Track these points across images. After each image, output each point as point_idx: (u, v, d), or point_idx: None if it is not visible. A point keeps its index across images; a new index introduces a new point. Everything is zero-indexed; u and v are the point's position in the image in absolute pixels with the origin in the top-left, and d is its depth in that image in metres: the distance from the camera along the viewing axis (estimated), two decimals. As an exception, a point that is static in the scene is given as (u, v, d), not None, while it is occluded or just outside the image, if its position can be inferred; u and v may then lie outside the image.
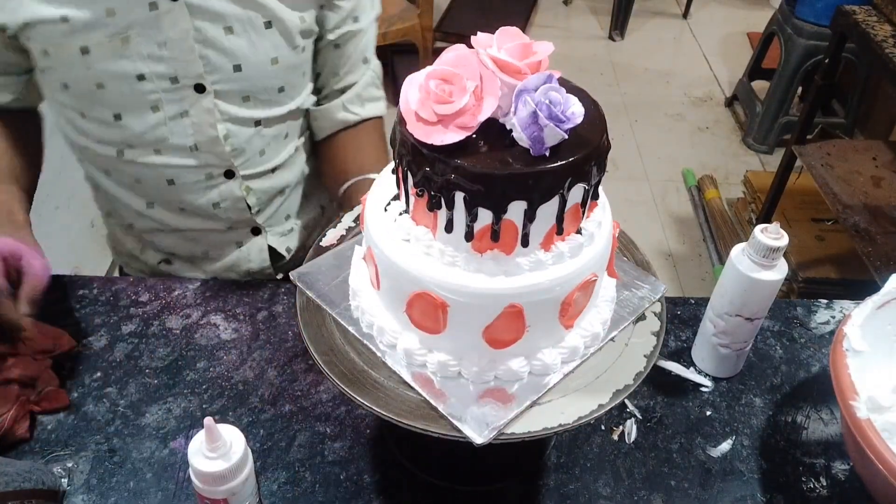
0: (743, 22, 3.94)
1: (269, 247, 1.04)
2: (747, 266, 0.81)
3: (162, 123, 0.87)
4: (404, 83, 0.60)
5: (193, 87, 0.86)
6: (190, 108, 0.87)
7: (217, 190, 0.95)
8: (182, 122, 0.88)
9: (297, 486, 0.79)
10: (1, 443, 0.79)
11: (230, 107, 0.89)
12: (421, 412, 0.63)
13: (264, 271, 1.05)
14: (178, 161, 0.91)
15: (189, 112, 0.87)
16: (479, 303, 0.61)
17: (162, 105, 0.86)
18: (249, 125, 0.92)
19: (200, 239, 1.00)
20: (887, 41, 1.71)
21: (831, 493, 0.80)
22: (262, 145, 0.95)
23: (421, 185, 0.60)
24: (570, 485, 0.80)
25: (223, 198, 0.96)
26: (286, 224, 1.05)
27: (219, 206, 0.96)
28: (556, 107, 0.56)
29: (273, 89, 0.92)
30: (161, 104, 0.86)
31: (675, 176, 2.90)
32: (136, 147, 0.89)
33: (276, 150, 0.98)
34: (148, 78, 0.83)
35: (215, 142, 0.90)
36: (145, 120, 0.87)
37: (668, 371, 0.92)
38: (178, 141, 0.89)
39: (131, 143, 0.89)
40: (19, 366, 0.83)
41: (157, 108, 0.86)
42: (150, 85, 0.84)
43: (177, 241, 1.00)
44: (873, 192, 1.87)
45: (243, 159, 0.94)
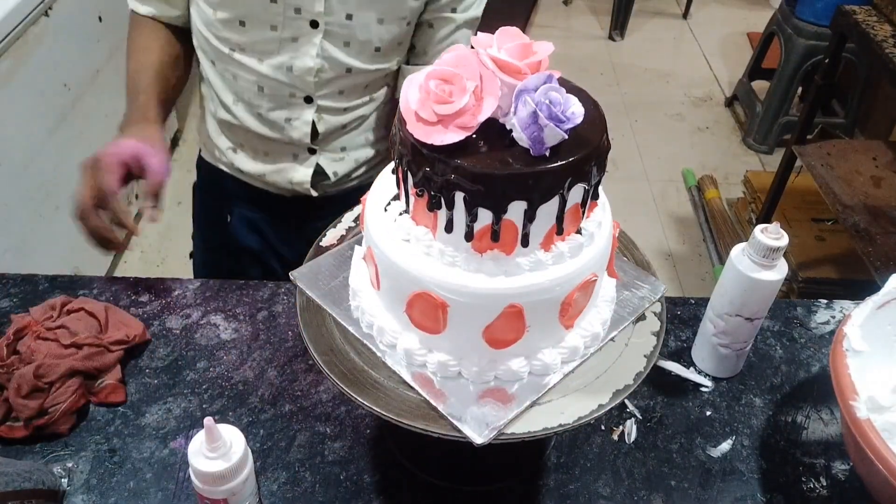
0: (743, 22, 3.95)
1: (318, 165, 1.14)
2: (747, 266, 0.81)
3: (275, 41, 1.00)
4: (404, 83, 0.60)
5: (310, 22, 0.98)
6: (301, 37, 0.99)
7: (294, 109, 1.07)
8: (291, 45, 1.00)
9: (297, 486, 0.79)
10: (39, 434, 0.81)
11: (332, 47, 1.01)
12: (421, 412, 0.63)
13: (303, 185, 1.15)
14: (273, 74, 1.03)
15: (299, 39, 1.00)
16: (479, 303, 0.61)
17: (280, 27, 0.98)
18: (341, 69, 1.04)
19: (263, 142, 1.12)
20: (887, 41, 1.71)
21: (831, 493, 0.80)
22: (343, 86, 1.06)
23: (421, 185, 0.60)
24: (570, 485, 0.80)
25: (295, 116, 1.07)
26: (340, 153, 1.16)
27: (290, 123, 1.08)
28: (556, 107, 0.56)
29: (370, 46, 1.03)
30: (280, 26, 0.98)
31: (675, 176, 2.90)
32: (245, 51, 1.02)
33: (354, 96, 1.09)
34: (279, 2, 0.96)
35: (309, 71, 1.02)
36: (263, 33, 0.99)
37: (668, 371, 0.92)
38: (281, 59, 1.01)
39: (244, 47, 1.01)
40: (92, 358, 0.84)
41: (275, 27, 0.98)
42: (278, 8, 0.97)
43: (245, 137, 1.12)
44: (873, 192, 1.87)
45: (324, 92, 1.05)
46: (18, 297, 0.99)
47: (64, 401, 0.81)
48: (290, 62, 1.01)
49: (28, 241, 1.82)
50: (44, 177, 1.87)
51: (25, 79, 1.75)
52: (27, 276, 1.02)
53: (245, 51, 1.01)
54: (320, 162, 1.13)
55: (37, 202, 1.85)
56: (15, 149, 1.74)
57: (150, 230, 2.49)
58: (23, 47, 1.74)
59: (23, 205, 1.79)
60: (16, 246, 1.77)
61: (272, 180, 1.15)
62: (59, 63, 1.91)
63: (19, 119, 1.74)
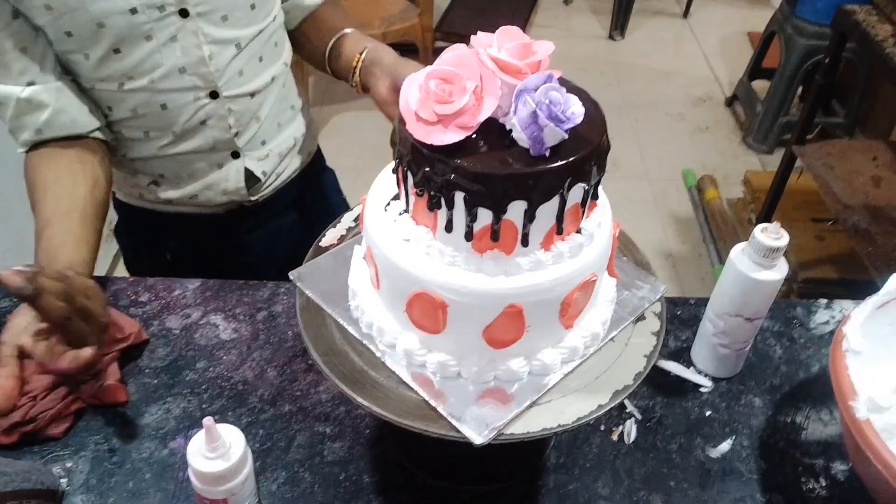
0: (743, 22, 3.94)
1: (246, 169, 1.12)
2: (747, 266, 0.81)
3: (156, 51, 0.95)
4: (404, 83, 0.60)
5: (178, 13, 0.94)
6: (178, 33, 0.95)
7: (204, 110, 1.03)
8: (172, 47, 0.96)
9: (297, 486, 0.79)
10: (31, 438, 0.80)
11: (211, 28, 0.98)
12: (421, 412, 0.63)
13: (239, 191, 1.13)
14: (169, 85, 0.98)
15: (177, 37, 0.95)
16: (479, 303, 0.61)
17: (154, 33, 0.94)
18: (230, 46, 1.01)
19: (187, 162, 1.08)
20: (887, 41, 1.71)
21: (831, 494, 0.80)
22: (240, 66, 1.04)
23: (421, 185, 0.60)
24: (570, 485, 0.80)
25: (208, 116, 1.04)
26: (262, 149, 1.14)
27: (205, 124, 1.05)
28: (556, 107, 0.56)
29: (245, 6, 1.00)
30: (153, 33, 0.94)
31: (675, 176, 2.90)
32: (134, 77, 0.97)
33: (254, 73, 1.07)
34: (139, 10, 0.91)
35: (201, 62, 0.98)
36: (141, 49, 0.94)
37: (667, 371, 0.92)
38: (170, 65, 0.97)
39: (130, 74, 0.96)
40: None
41: (150, 37, 0.94)
42: (143, 16, 0.91)
43: (167, 164, 1.08)
44: (873, 192, 1.87)
45: (225, 80, 1.02)
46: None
47: (52, 407, 0.80)
48: (181, 62, 0.97)
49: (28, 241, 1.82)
50: (43, 176, 1.86)
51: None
52: (27, 276, 1.02)
53: (134, 77, 0.96)
54: (247, 165, 1.11)
55: (36, 202, 1.85)
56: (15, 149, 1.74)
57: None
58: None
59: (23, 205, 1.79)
60: (16, 246, 1.77)
61: (205, 198, 1.11)
62: (59, 62, 1.91)
63: (19, 118, 1.74)
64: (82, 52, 0.93)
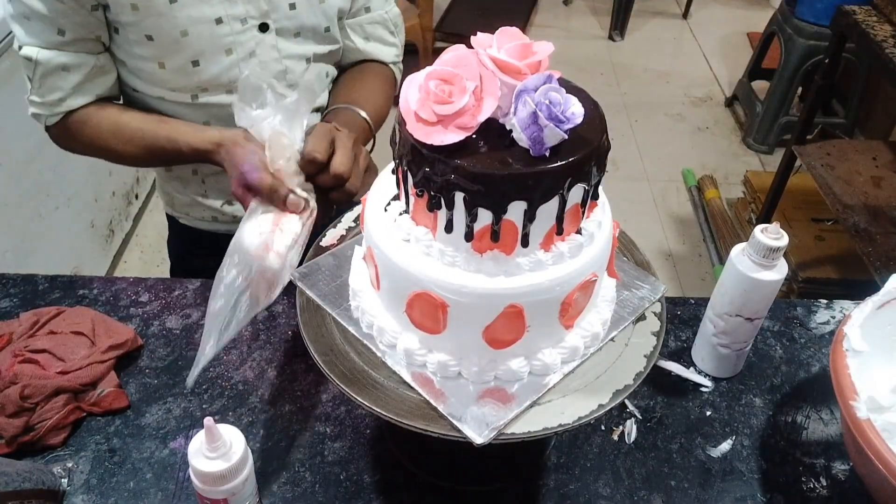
0: (743, 22, 3.94)
1: None
2: (747, 266, 0.81)
3: (234, 65, 0.95)
4: (404, 83, 0.60)
5: (258, 27, 0.95)
6: (257, 48, 0.96)
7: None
8: (251, 62, 0.96)
9: (297, 486, 0.79)
10: (32, 447, 0.80)
11: (287, 43, 0.98)
12: (421, 412, 0.63)
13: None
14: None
15: (256, 52, 0.96)
16: (479, 303, 0.61)
17: (235, 47, 0.94)
18: (302, 61, 1.02)
19: None
20: (887, 41, 1.71)
21: (831, 493, 0.80)
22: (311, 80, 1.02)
23: (421, 186, 0.60)
24: (570, 485, 0.80)
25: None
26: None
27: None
28: (555, 107, 0.56)
29: (320, 28, 1.01)
30: (234, 46, 0.94)
31: (675, 176, 2.90)
32: (209, 90, 0.97)
33: (321, 88, 1.08)
34: (224, 21, 0.91)
35: (279, 77, 0.99)
36: (220, 63, 0.94)
37: (668, 371, 0.92)
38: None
39: (206, 86, 0.96)
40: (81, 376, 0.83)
41: (230, 50, 0.94)
42: (226, 28, 0.92)
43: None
44: (873, 192, 1.87)
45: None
46: (18, 297, 0.99)
47: (50, 417, 0.80)
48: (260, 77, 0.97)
49: (28, 241, 1.82)
50: (44, 177, 1.86)
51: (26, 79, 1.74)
52: (27, 276, 1.02)
53: (209, 89, 0.96)
54: None
55: (37, 202, 1.85)
56: (15, 149, 1.74)
57: (150, 230, 2.49)
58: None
59: (23, 205, 1.79)
60: (16, 246, 1.77)
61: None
62: (59, 63, 1.91)
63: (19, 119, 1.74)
64: (158, 61, 0.93)
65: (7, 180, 1.71)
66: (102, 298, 0.99)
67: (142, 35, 0.90)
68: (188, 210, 1.14)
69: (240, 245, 0.75)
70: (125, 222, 2.39)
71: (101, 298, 0.99)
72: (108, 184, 2.24)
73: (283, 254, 0.76)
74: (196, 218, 1.14)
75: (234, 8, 0.92)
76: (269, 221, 0.77)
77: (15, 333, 0.87)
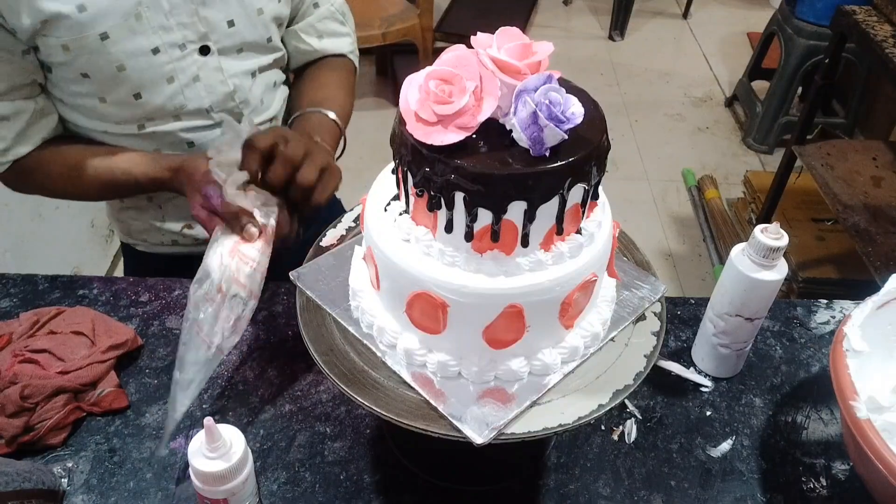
0: (743, 22, 3.94)
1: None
2: (747, 266, 0.81)
3: (179, 92, 0.93)
4: (404, 83, 0.60)
5: (199, 51, 0.92)
6: (199, 72, 0.93)
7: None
8: (196, 87, 0.94)
9: (297, 486, 0.79)
10: (32, 447, 0.80)
11: (230, 62, 0.96)
12: (421, 412, 0.63)
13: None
14: (196, 123, 0.97)
15: (200, 76, 0.94)
16: (479, 303, 0.61)
17: (176, 74, 0.92)
18: (248, 77, 0.99)
19: None
20: (887, 41, 1.71)
21: (831, 493, 0.80)
22: (260, 94, 1.03)
23: (421, 186, 0.60)
24: (570, 485, 0.81)
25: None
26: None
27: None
28: (555, 107, 0.56)
29: (262, 40, 0.99)
30: (176, 73, 0.92)
31: (675, 176, 2.90)
32: (155, 119, 0.94)
33: (271, 99, 1.06)
34: (162, 50, 0.89)
35: (227, 98, 0.97)
36: (163, 92, 0.92)
37: (668, 371, 0.92)
38: (195, 105, 0.95)
39: (151, 116, 0.94)
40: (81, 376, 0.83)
41: (172, 78, 0.92)
42: (164, 56, 0.89)
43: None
44: (873, 192, 1.87)
45: (249, 110, 1.01)
46: (18, 297, 0.99)
47: (51, 417, 0.80)
48: (207, 102, 0.95)
49: (28, 241, 1.82)
50: (44, 177, 1.86)
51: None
52: (27, 276, 1.02)
53: (155, 119, 0.94)
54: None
55: (37, 202, 1.85)
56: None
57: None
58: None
59: (23, 205, 1.79)
60: (16, 246, 1.77)
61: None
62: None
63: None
64: (98, 96, 0.91)
65: (7, 180, 1.71)
66: (102, 298, 0.99)
67: (77, 73, 0.88)
68: (145, 236, 1.11)
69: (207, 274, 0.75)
70: (125, 222, 2.39)
71: (101, 298, 0.99)
72: (108, 184, 2.24)
73: (246, 284, 0.75)
74: (154, 244, 1.11)
75: (169, 35, 0.89)
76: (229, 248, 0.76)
77: (15, 333, 0.87)
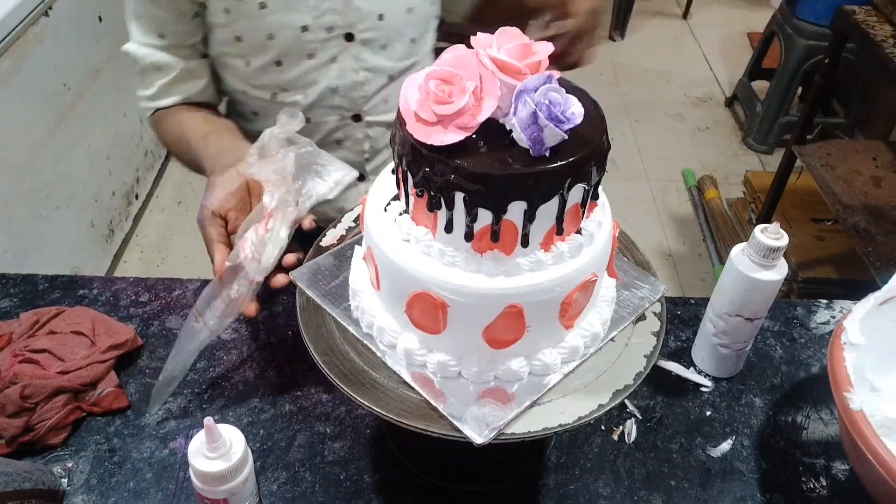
0: (743, 22, 3.94)
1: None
2: (747, 266, 0.81)
3: (314, 69, 0.98)
4: (404, 83, 0.60)
5: (344, 36, 0.97)
6: (339, 55, 0.98)
7: (343, 130, 1.06)
8: (330, 68, 0.99)
9: (297, 486, 0.79)
10: (32, 447, 0.80)
11: (370, 55, 1.00)
12: (421, 412, 0.63)
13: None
14: (319, 101, 1.01)
15: (338, 58, 0.98)
16: (479, 303, 0.61)
17: (317, 53, 0.97)
18: (383, 76, 1.03)
19: None
20: (887, 41, 1.71)
21: (831, 493, 0.80)
22: (387, 95, 1.06)
23: (421, 186, 0.60)
24: (570, 485, 0.80)
25: (346, 137, 1.07)
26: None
27: (341, 145, 1.07)
28: (555, 107, 0.56)
29: (407, 39, 1.02)
30: (316, 52, 0.97)
31: (675, 176, 2.90)
32: (288, 90, 1.00)
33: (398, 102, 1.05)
34: (310, 29, 0.94)
35: (354, 86, 1.01)
36: (301, 66, 0.97)
37: (668, 371, 0.92)
38: (324, 84, 1.00)
39: (285, 86, 0.99)
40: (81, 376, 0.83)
41: (312, 55, 0.97)
42: (311, 35, 0.95)
43: None
44: (873, 192, 1.87)
45: (370, 105, 1.04)
46: (18, 297, 0.99)
47: (50, 417, 0.80)
48: (335, 83, 1.00)
49: (28, 241, 1.82)
50: (44, 177, 1.87)
51: (25, 79, 1.75)
52: (27, 276, 1.02)
53: (288, 90, 1.00)
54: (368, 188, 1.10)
55: (37, 202, 1.85)
56: (15, 149, 1.74)
57: (150, 230, 2.49)
58: (23, 47, 1.74)
59: (23, 205, 1.79)
60: (16, 246, 1.77)
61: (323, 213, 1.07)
62: (59, 63, 1.91)
63: (19, 119, 1.74)
64: (244, 58, 0.97)
65: (7, 180, 1.71)
66: (102, 298, 0.99)
67: (232, 36, 0.95)
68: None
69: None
70: (125, 222, 2.39)
71: (101, 298, 0.99)
72: (108, 184, 2.24)
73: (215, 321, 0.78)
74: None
75: (321, 17, 0.94)
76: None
77: (15, 333, 0.87)
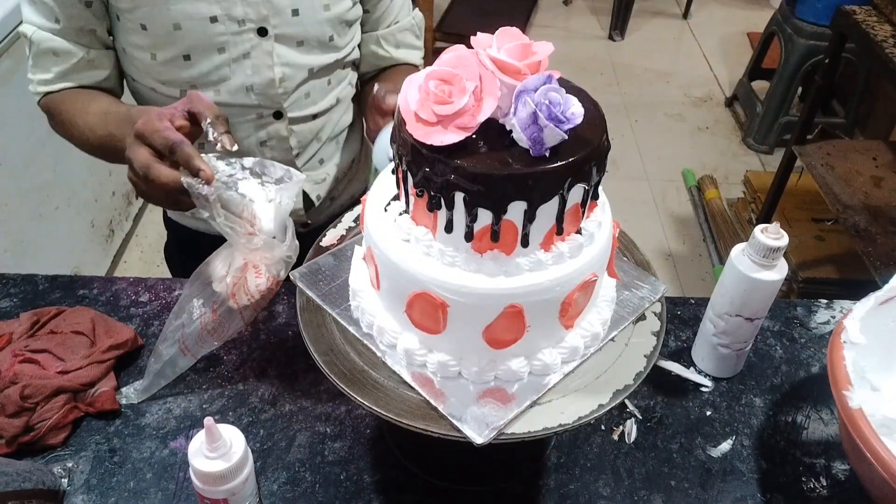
0: (743, 22, 3.95)
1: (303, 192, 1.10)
2: (747, 266, 0.81)
3: (226, 64, 0.94)
4: (404, 83, 0.60)
5: (257, 31, 0.93)
6: (252, 51, 0.94)
7: (265, 130, 1.02)
8: (243, 64, 0.95)
9: (297, 486, 0.79)
10: (32, 447, 0.80)
11: (286, 51, 0.96)
12: (421, 412, 0.63)
13: (297, 212, 1.11)
14: (234, 100, 0.97)
15: (251, 54, 0.95)
16: (479, 303, 0.61)
17: (228, 47, 0.93)
18: (302, 71, 0.99)
19: None
20: (887, 41, 1.71)
21: (831, 493, 0.80)
22: (308, 90, 1.02)
23: (421, 186, 0.60)
24: (570, 485, 0.81)
25: (270, 136, 1.03)
26: (320, 171, 1.12)
27: (265, 145, 1.03)
28: (555, 107, 0.56)
29: (324, 37, 0.99)
30: (227, 46, 0.93)
31: (675, 176, 2.90)
32: (198, 87, 0.95)
33: (321, 96, 1.05)
34: (220, 20, 0.91)
35: (270, 84, 0.97)
36: (211, 61, 0.93)
37: (668, 371, 0.92)
38: (238, 81, 0.96)
39: (195, 82, 0.95)
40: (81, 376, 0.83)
41: (223, 49, 0.93)
42: (221, 27, 0.91)
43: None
44: (873, 192, 1.87)
45: (291, 101, 1.01)
46: (18, 297, 0.99)
47: (50, 417, 0.80)
48: (250, 81, 0.96)
49: (28, 241, 1.82)
50: (44, 177, 1.87)
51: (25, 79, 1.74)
52: (27, 276, 1.02)
53: (198, 87, 0.95)
54: (304, 188, 1.09)
55: (37, 202, 1.85)
56: (15, 149, 1.74)
57: (150, 230, 2.49)
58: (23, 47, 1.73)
59: (23, 205, 1.79)
60: (16, 246, 1.77)
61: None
62: (59, 63, 1.91)
63: (19, 119, 1.74)
64: (150, 51, 0.93)
65: (7, 180, 1.71)
66: (102, 298, 0.99)
67: (137, 24, 0.91)
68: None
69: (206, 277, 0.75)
70: (125, 222, 2.39)
71: (101, 298, 0.99)
72: (108, 184, 2.25)
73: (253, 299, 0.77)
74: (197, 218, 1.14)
75: (231, 8, 0.91)
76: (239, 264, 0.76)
77: (15, 333, 0.87)
